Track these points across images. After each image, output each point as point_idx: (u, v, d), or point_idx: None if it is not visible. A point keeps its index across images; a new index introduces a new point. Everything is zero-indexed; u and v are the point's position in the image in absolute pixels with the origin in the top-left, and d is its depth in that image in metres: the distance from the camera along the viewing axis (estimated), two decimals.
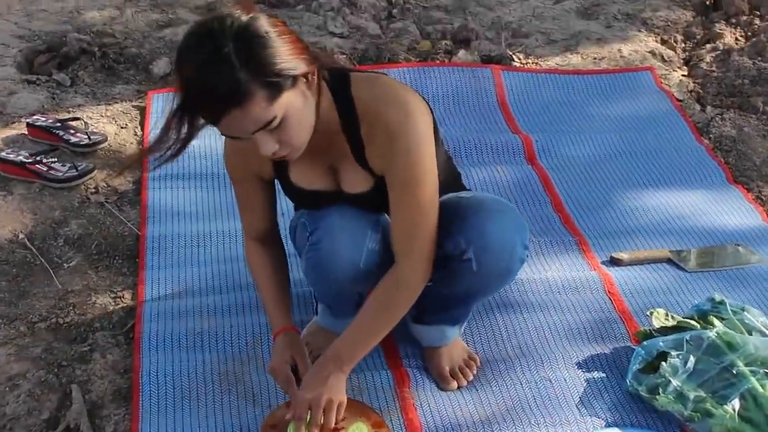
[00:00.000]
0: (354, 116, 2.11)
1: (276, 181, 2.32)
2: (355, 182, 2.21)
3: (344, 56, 4.11)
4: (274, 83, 1.88)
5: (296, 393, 2.19)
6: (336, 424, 2.18)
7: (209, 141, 3.54)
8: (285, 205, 2.62)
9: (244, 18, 1.88)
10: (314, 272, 2.30)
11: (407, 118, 2.06)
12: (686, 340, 2.38)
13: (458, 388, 2.45)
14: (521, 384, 2.44)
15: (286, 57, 1.89)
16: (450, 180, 2.37)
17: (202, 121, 1.93)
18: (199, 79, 1.85)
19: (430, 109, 2.16)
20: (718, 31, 4.41)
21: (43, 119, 3.61)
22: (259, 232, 2.39)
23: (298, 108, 1.95)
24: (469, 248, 2.20)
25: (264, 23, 1.89)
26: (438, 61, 4.12)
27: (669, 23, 4.57)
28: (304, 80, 1.95)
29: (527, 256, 2.30)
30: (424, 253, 2.17)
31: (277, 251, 2.42)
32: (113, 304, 2.78)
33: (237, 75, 1.83)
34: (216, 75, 1.84)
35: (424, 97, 2.17)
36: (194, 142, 3.65)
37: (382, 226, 2.29)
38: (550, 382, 2.45)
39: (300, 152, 2.03)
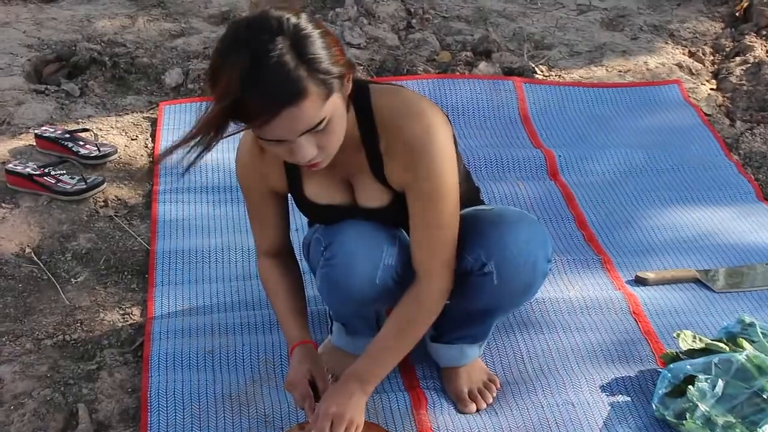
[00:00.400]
0: (374, 129, 2.11)
1: (289, 196, 2.33)
2: (372, 196, 2.21)
3: (361, 67, 4.12)
4: (327, 82, 1.88)
5: (316, 407, 2.18)
6: None
7: (220, 154, 3.54)
8: (299, 220, 2.62)
9: (293, 16, 1.88)
10: (328, 288, 2.29)
11: (428, 132, 2.07)
12: (714, 363, 2.37)
13: (477, 410, 2.44)
14: (542, 407, 2.44)
15: (335, 57, 1.91)
16: (469, 195, 2.37)
17: (233, 126, 1.92)
18: (254, 76, 1.83)
19: (449, 121, 2.16)
20: (748, 43, 4.40)
21: (52, 130, 3.62)
22: (272, 248, 2.38)
23: (340, 112, 1.96)
24: (489, 261, 2.19)
25: (310, 22, 1.91)
26: (458, 73, 4.12)
27: (697, 35, 4.57)
28: (342, 85, 1.96)
29: (550, 270, 2.29)
30: (445, 269, 2.18)
31: (292, 265, 2.41)
32: (122, 321, 2.78)
33: (295, 71, 1.84)
34: (273, 71, 1.83)
35: (443, 110, 2.17)
36: (206, 155, 3.67)
37: (400, 241, 2.28)
38: (573, 405, 2.44)
39: (329, 161, 2.03)
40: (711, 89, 4.16)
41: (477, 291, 2.26)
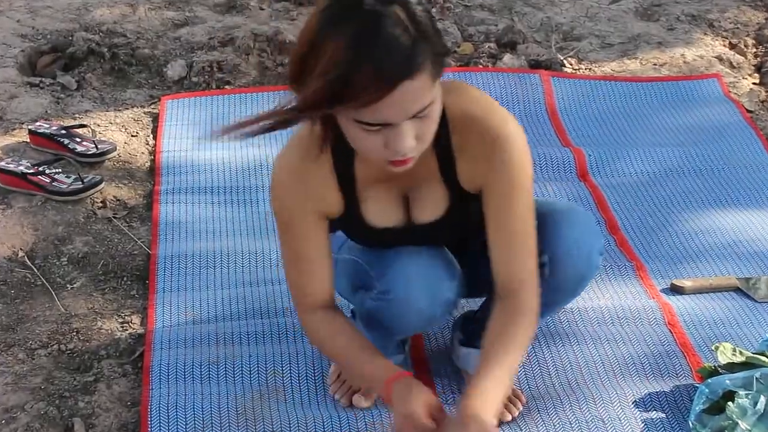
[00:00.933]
0: (446, 127, 2.08)
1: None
2: (430, 208, 2.18)
3: None
4: (439, 60, 1.87)
5: None
6: None
7: (225, 152, 3.57)
8: None
9: None
10: (377, 321, 2.29)
11: (506, 123, 2.08)
12: (756, 378, 2.36)
13: (499, 426, 2.44)
14: (570, 424, 2.43)
15: (443, 40, 1.91)
16: None
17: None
18: (367, 43, 1.77)
19: None
20: None
21: (47, 126, 3.64)
22: (319, 300, 2.23)
23: (439, 101, 1.94)
24: (543, 253, 2.20)
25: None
26: (481, 66, 4.13)
27: (738, 25, 4.56)
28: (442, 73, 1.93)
29: (601, 264, 2.30)
30: (533, 268, 2.15)
31: (345, 318, 2.29)
32: (121, 329, 2.79)
33: (415, 41, 1.80)
34: (391, 37, 1.78)
35: None
36: (211, 153, 3.69)
37: (457, 271, 2.29)
38: (603, 422, 2.43)
39: (417, 158, 1.99)
40: (753, 84, 4.15)
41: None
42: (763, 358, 2.47)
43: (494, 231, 2.14)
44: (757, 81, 4.18)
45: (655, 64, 4.22)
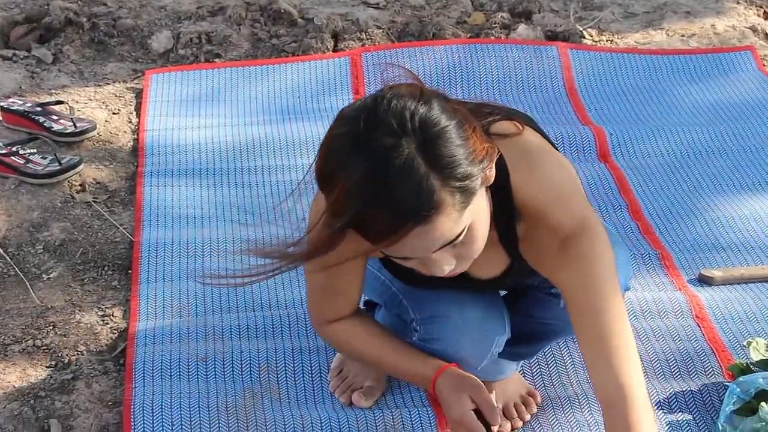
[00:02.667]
0: (511, 208, 2.04)
1: None
2: (487, 267, 2.16)
3: (381, 31, 4.12)
4: (467, 189, 1.78)
5: None
6: None
7: (215, 131, 3.57)
8: None
9: (421, 105, 1.77)
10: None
11: (581, 223, 2.03)
12: None
13: (513, 430, 2.44)
14: (588, 426, 2.44)
15: (475, 151, 1.80)
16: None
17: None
18: (374, 190, 1.74)
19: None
20: None
21: (21, 103, 3.64)
22: (343, 312, 2.31)
23: (483, 214, 1.89)
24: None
25: (441, 107, 1.80)
26: (493, 38, 4.12)
27: None
28: (485, 177, 1.86)
29: (625, 297, 2.28)
30: (635, 377, 2.03)
31: (368, 317, 2.39)
32: (101, 323, 2.79)
33: (426, 182, 1.73)
34: (398, 184, 1.73)
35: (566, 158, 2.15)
36: (199, 133, 3.69)
37: (507, 322, 2.31)
38: None
39: (469, 265, 1.97)
40: None
41: (538, 307, 2.30)
42: None
43: (580, 335, 2.08)
44: None
45: (682, 36, 4.22)
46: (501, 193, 2.00)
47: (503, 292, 2.41)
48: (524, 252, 2.12)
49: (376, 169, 1.73)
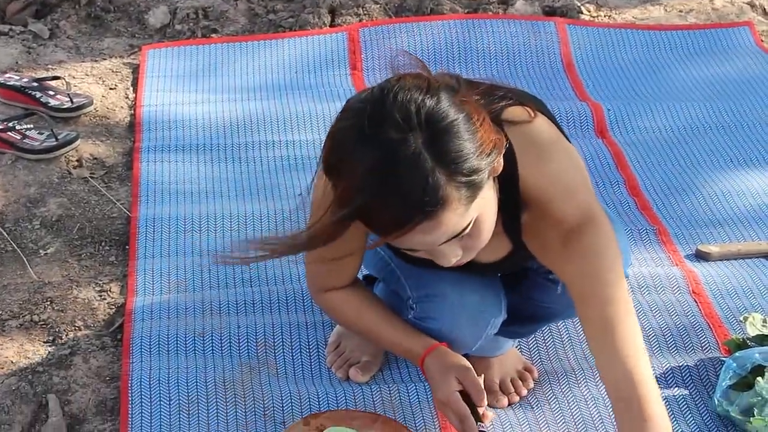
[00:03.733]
0: (516, 197, 2.04)
1: None
2: (489, 252, 2.13)
3: (378, 6, 4.11)
4: (474, 183, 1.79)
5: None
6: None
7: (212, 106, 3.57)
8: None
9: (429, 98, 1.77)
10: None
11: (586, 215, 2.02)
12: None
13: (510, 405, 2.45)
14: (586, 401, 2.44)
15: (483, 144, 1.80)
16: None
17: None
18: (380, 185, 1.74)
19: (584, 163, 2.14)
20: None
21: (17, 78, 3.63)
22: (341, 282, 2.33)
23: (490, 206, 1.89)
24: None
25: (449, 100, 1.79)
26: (491, 13, 4.11)
27: None
28: (493, 170, 1.87)
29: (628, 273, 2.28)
30: (641, 364, 2.00)
31: (366, 290, 2.39)
32: (98, 298, 2.80)
33: (432, 177, 1.74)
34: (404, 179, 1.74)
35: (576, 151, 2.13)
36: (196, 108, 3.68)
37: (504, 304, 2.31)
38: None
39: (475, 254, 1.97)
40: None
41: (536, 291, 2.30)
42: None
43: (586, 326, 2.06)
44: None
45: (680, 11, 4.21)
46: (508, 182, 2.00)
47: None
48: (528, 242, 2.12)
49: (384, 160, 1.73)
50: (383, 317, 2.33)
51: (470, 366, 2.25)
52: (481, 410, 2.22)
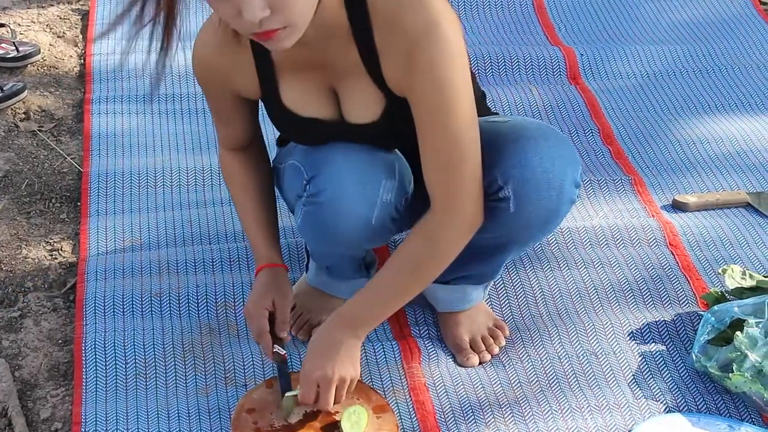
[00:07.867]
0: (366, 19, 2.07)
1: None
2: (363, 108, 2.18)
3: None
4: None
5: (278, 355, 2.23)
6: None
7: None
8: (271, 135, 2.61)
9: None
10: (313, 229, 2.29)
11: (432, 25, 2.02)
12: (767, 304, 2.38)
13: (480, 363, 2.46)
14: (559, 359, 2.45)
15: None
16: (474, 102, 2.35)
17: None
18: None
19: (458, 18, 2.14)
20: None
21: None
22: (237, 143, 2.42)
23: None
24: (506, 185, 2.18)
25: None
26: None
27: None
28: None
29: (578, 197, 2.28)
30: (469, 202, 2.13)
31: (261, 161, 2.45)
32: (49, 258, 2.79)
33: None
34: None
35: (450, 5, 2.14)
36: (149, 56, 3.64)
37: (398, 170, 2.27)
38: (596, 356, 2.46)
39: (296, 37, 1.96)
40: None
41: (489, 220, 2.25)
42: None
43: (423, 149, 2.12)
44: None
45: None
46: (356, 3, 2.05)
47: None
48: (387, 76, 2.12)
49: None
50: (251, 208, 2.41)
51: (290, 297, 2.36)
52: (282, 335, 2.32)
